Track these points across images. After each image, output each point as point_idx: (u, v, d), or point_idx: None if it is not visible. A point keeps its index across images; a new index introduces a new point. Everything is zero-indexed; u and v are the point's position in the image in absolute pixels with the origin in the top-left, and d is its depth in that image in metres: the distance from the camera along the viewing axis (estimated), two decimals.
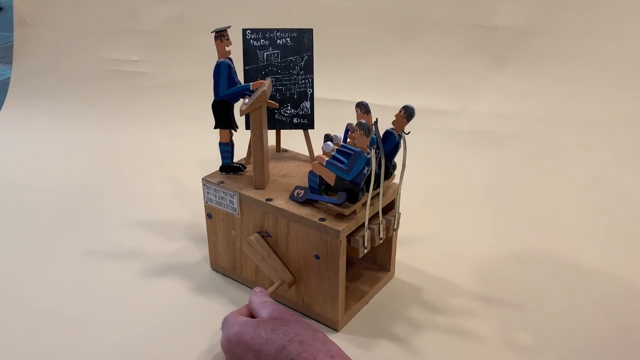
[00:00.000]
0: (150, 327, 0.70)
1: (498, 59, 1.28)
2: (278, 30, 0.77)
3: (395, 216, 0.71)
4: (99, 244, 0.88)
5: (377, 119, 0.64)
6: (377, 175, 0.65)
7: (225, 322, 0.60)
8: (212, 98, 0.72)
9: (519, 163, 1.14)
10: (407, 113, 0.66)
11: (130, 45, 1.47)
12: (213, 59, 0.70)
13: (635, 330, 0.70)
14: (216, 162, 0.77)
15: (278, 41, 0.77)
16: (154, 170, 1.14)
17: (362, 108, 0.66)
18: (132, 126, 1.34)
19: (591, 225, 0.93)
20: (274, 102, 0.75)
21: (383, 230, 0.69)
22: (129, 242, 0.89)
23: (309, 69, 0.78)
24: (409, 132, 0.67)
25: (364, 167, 0.63)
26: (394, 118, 0.67)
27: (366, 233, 0.66)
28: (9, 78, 1.54)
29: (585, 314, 0.73)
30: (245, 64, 0.77)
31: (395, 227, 0.72)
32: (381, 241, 0.70)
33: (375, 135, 0.63)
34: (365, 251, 0.68)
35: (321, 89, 0.87)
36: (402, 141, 0.67)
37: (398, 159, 0.69)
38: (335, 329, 0.70)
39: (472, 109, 1.27)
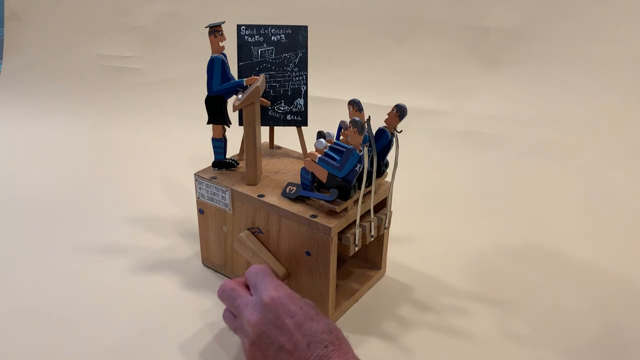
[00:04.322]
0: (141, 323, 0.70)
1: (490, 61, 1.29)
2: (273, 26, 0.77)
3: (386, 214, 0.72)
4: (89, 240, 0.88)
5: (369, 116, 0.64)
6: (369, 173, 0.66)
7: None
8: (205, 95, 0.72)
9: (511, 163, 1.14)
10: (400, 112, 0.66)
11: (122, 41, 1.46)
12: (206, 55, 0.70)
13: (628, 328, 0.71)
14: (208, 158, 0.76)
15: (272, 37, 0.77)
16: (146, 166, 1.14)
17: (355, 106, 0.66)
18: (123, 122, 1.34)
19: (582, 224, 0.94)
20: (266, 100, 0.75)
21: (374, 228, 0.70)
22: (120, 237, 0.88)
23: (303, 65, 0.78)
24: (401, 131, 0.67)
25: (356, 164, 0.63)
26: (387, 117, 0.67)
27: (357, 231, 0.67)
28: (0, 72, 1.52)
29: (577, 312, 0.73)
30: (239, 60, 0.77)
31: (386, 225, 0.72)
32: (372, 239, 0.70)
33: (367, 133, 0.64)
34: (356, 249, 0.68)
35: (315, 88, 0.88)
36: (394, 140, 0.67)
37: (390, 157, 0.69)
38: None
39: (464, 110, 1.27)
